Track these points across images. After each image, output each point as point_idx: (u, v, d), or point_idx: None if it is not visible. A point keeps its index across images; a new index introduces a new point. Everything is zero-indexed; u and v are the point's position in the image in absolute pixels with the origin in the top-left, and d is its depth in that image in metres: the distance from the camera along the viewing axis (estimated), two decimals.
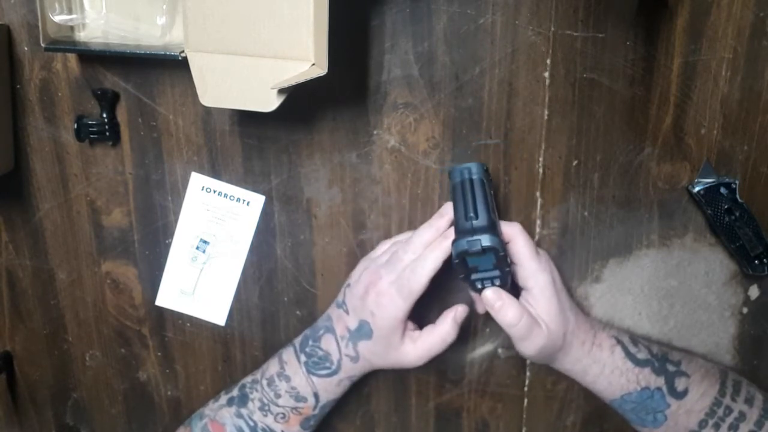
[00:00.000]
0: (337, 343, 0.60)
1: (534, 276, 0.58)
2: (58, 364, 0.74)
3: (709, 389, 0.59)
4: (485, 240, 0.54)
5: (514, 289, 0.60)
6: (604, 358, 0.59)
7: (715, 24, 0.58)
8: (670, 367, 0.59)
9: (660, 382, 0.59)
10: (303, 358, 0.61)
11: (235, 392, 0.64)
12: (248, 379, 0.64)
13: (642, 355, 0.60)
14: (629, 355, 0.60)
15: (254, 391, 0.62)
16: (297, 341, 0.63)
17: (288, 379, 0.61)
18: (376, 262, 0.60)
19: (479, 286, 0.57)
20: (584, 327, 0.60)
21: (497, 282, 0.57)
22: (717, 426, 0.58)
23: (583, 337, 0.59)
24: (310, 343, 0.62)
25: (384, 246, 0.63)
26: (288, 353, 0.63)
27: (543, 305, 0.58)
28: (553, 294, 0.58)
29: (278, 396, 0.61)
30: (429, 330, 0.60)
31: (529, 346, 0.58)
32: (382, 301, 0.57)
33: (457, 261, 0.55)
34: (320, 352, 0.61)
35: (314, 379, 0.61)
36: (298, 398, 0.61)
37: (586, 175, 0.63)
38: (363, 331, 0.59)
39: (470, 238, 0.54)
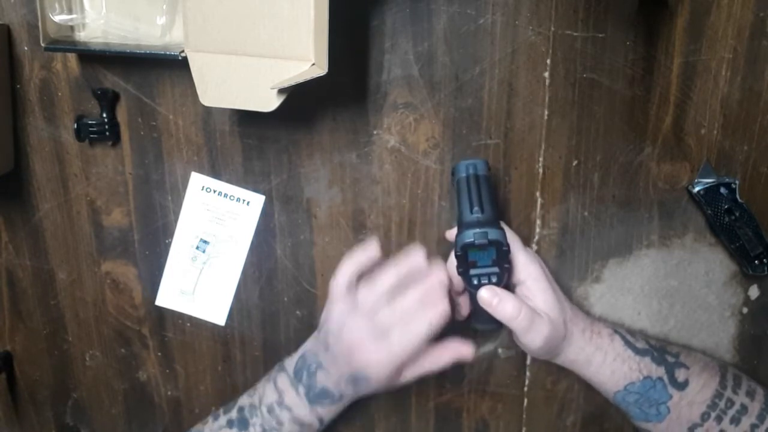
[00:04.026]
0: (336, 382, 0.59)
1: (525, 267, 0.58)
2: (58, 364, 0.74)
3: (710, 381, 0.59)
4: (492, 233, 0.54)
5: (507, 288, 0.60)
6: (606, 345, 0.59)
7: (715, 24, 0.58)
8: (669, 358, 0.60)
9: (661, 371, 0.59)
10: (302, 389, 0.59)
11: (234, 414, 0.62)
12: (245, 401, 0.62)
13: (640, 344, 0.60)
14: (628, 343, 0.60)
15: (254, 416, 0.61)
16: (290, 368, 0.61)
17: (289, 409, 0.60)
18: (354, 316, 0.57)
19: (476, 282, 0.57)
20: (580, 315, 0.61)
21: (494, 279, 0.57)
22: (719, 419, 0.58)
23: (582, 324, 0.60)
24: (305, 376, 0.60)
25: (347, 276, 0.59)
26: (282, 381, 0.61)
27: (539, 295, 0.58)
28: (546, 283, 0.58)
29: (281, 424, 0.60)
30: (427, 354, 0.58)
31: (534, 338, 0.57)
32: (371, 364, 0.56)
33: (459, 254, 0.56)
34: (319, 386, 0.59)
35: (319, 408, 0.59)
36: (303, 425, 0.60)
37: (586, 175, 0.63)
38: (359, 378, 0.58)
39: (477, 230, 0.55)
